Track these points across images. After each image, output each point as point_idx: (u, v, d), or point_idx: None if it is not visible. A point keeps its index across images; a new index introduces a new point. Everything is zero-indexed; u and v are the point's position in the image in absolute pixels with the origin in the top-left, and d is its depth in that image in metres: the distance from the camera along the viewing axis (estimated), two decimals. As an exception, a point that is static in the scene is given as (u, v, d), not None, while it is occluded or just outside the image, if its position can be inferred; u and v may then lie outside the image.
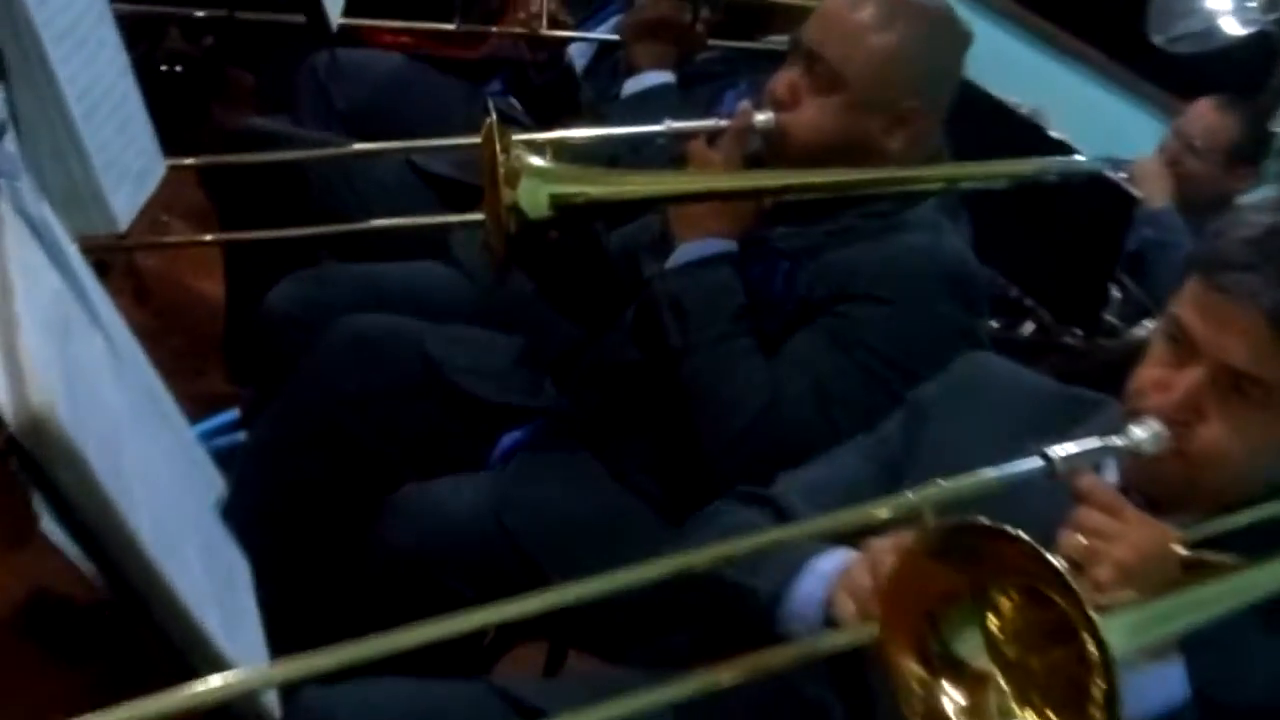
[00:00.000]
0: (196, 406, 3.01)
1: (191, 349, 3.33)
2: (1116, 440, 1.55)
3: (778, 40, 2.93)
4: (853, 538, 1.58)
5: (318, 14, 2.56)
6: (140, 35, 3.76)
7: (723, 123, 2.27)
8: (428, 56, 3.58)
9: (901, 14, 2.23)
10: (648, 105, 2.81)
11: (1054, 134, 3.29)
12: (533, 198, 2.11)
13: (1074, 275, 3.34)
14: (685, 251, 2.24)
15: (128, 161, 1.95)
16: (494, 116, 2.13)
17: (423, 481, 2.32)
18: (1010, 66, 5.56)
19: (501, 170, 2.09)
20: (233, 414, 2.84)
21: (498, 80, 3.51)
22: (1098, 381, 2.48)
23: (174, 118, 3.03)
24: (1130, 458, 1.57)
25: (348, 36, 3.32)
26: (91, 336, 1.45)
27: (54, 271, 1.39)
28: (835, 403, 2.12)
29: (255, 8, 2.97)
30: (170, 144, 2.98)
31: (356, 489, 2.42)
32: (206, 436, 1.89)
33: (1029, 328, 3.61)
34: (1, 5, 1.72)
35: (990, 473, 1.52)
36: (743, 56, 2.97)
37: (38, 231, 1.36)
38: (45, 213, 1.40)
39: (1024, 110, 3.46)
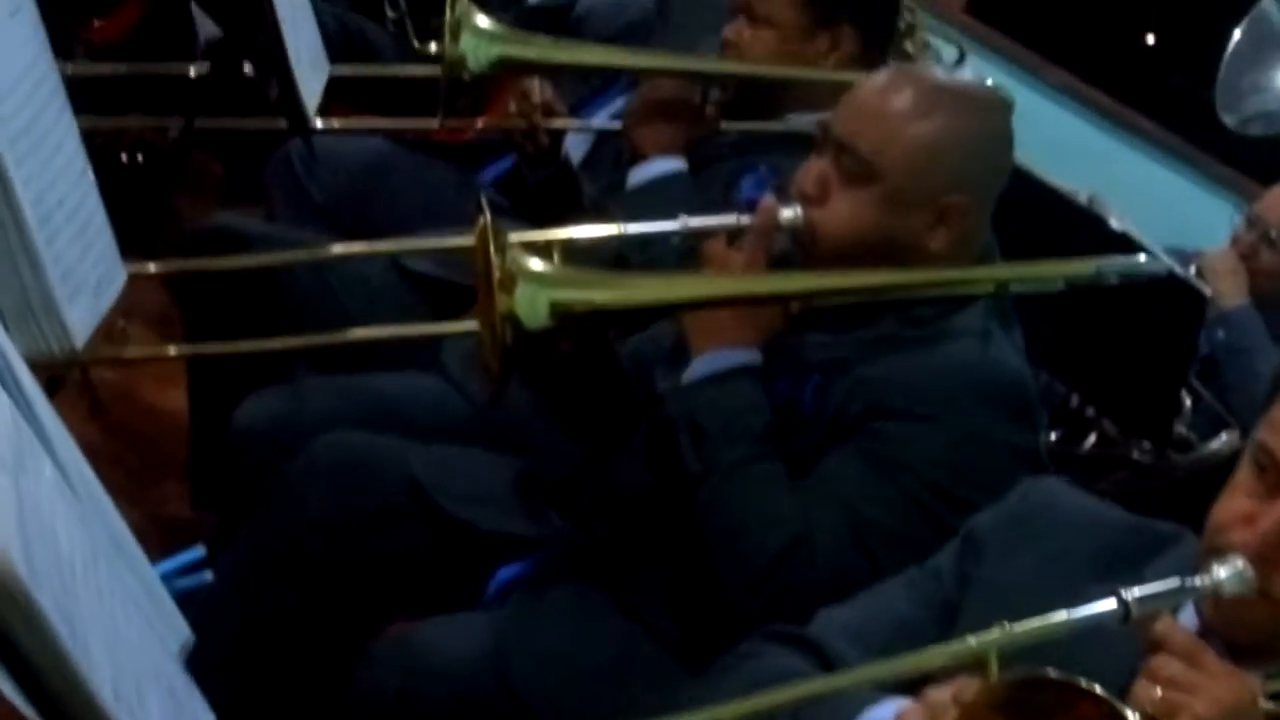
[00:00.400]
0: (158, 535, 3.03)
1: (151, 471, 3.36)
2: (1196, 581, 1.56)
3: (798, 119, 2.97)
4: (907, 687, 1.59)
5: (296, 111, 2.60)
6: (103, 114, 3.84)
7: (745, 219, 2.30)
8: (412, 140, 3.63)
9: (942, 100, 2.27)
10: (657, 196, 2.85)
11: (1116, 225, 3.32)
12: (531, 305, 2.12)
13: (1141, 383, 3.35)
14: (703, 364, 2.26)
15: (85, 271, 1.99)
16: (487, 214, 2.14)
17: (409, 622, 2.33)
18: (1069, 145, 5.66)
19: (496, 274, 2.10)
20: (197, 552, 2.85)
21: (490, 167, 3.56)
22: (1170, 501, 2.50)
23: (135, 212, 3.09)
24: (1211, 599, 1.58)
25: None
26: (45, 470, 1.47)
27: (5, 399, 1.42)
28: (873, 533, 2.14)
29: (223, 111, 3.02)
30: (131, 241, 3.04)
31: (334, 631, 2.43)
32: (169, 577, 1.90)
33: (1091, 441, 3.63)
34: (-48, 103, 1.76)
35: (1059, 616, 1.54)
36: (760, 138, 3.00)
37: (-11, 357, 1.39)
38: (1, 341, 1.43)
39: (1082, 199, 3.49)
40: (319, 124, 2.97)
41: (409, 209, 3.44)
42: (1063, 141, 5.65)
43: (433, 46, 3.93)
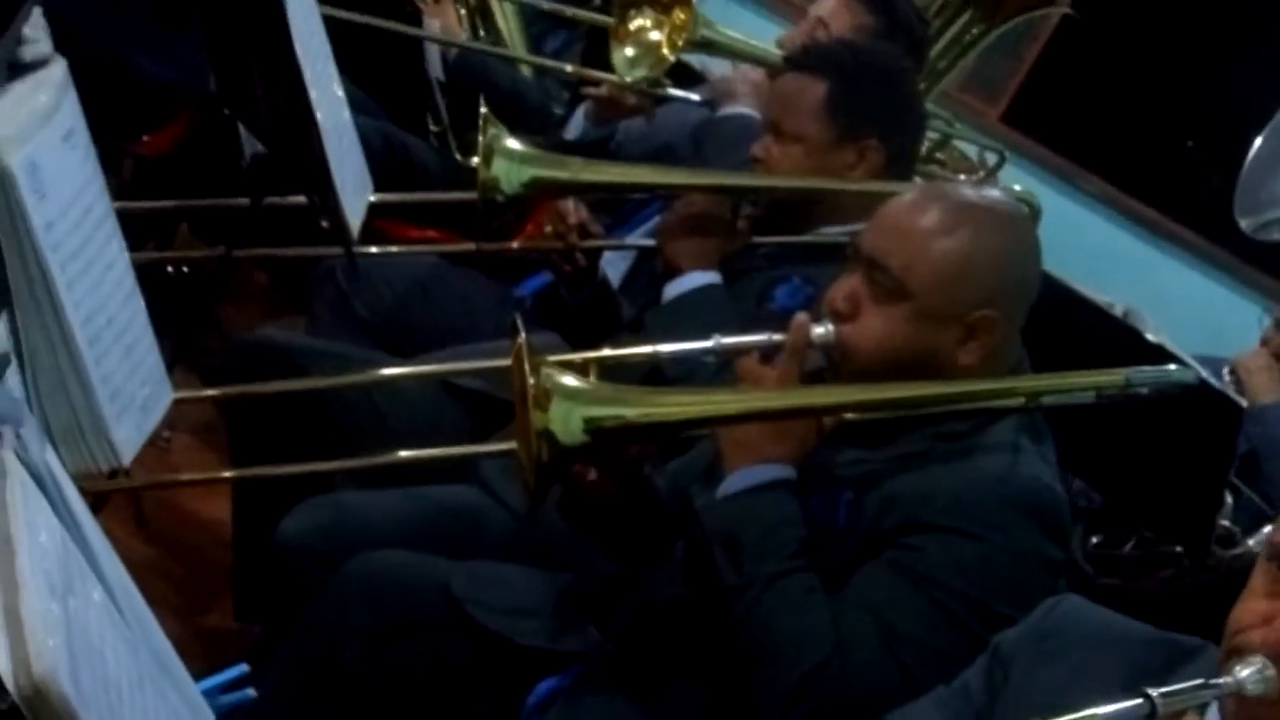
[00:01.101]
0: (202, 647, 3.08)
1: (195, 582, 3.40)
2: (1219, 680, 1.58)
3: (828, 231, 3.02)
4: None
5: (339, 233, 2.67)
6: (149, 234, 3.93)
7: (777, 337, 2.33)
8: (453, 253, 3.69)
9: (969, 216, 2.30)
10: (692, 309, 2.90)
11: (1151, 337, 3.34)
12: (565, 422, 2.16)
13: (1177, 493, 3.36)
14: (738, 479, 2.29)
15: (132, 391, 2.03)
16: (523, 335, 2.19)
17: (449, 735, 2.35)
18: (1106, 252, 5.71)
19: (531, 393, 2.15)
20: (240, 668, 2.89)
21: (530, 280, 3.62)
22: (1214, 596, 2.51)
23: (181, 321, 3.15)
24: (1234, 699, 1.60)
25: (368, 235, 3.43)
26: (92, 589, 1.52)
27: (56, 521, 1.47)
28: (906, 646, 2.16)
29: (266, 224, 3.09)
30: (177, 350, 3.11)
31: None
32: (212, 694, 1.94)
33: (1133, 543, 3.63)
34: (7, 227, 1.81)
35: (1087, 712, 1.56)
36: (792, 249, 3.05)
37: (41, 479, 1.43)
38: (49, 458, 1.47)
39: (1118, 311, 3.53)
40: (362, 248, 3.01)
41: (450, 321, 3.50)
42: (1100, 249, 5.71)
43: (474, 160, 4.07)
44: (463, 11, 4.48)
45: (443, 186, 4.14)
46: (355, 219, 2.73)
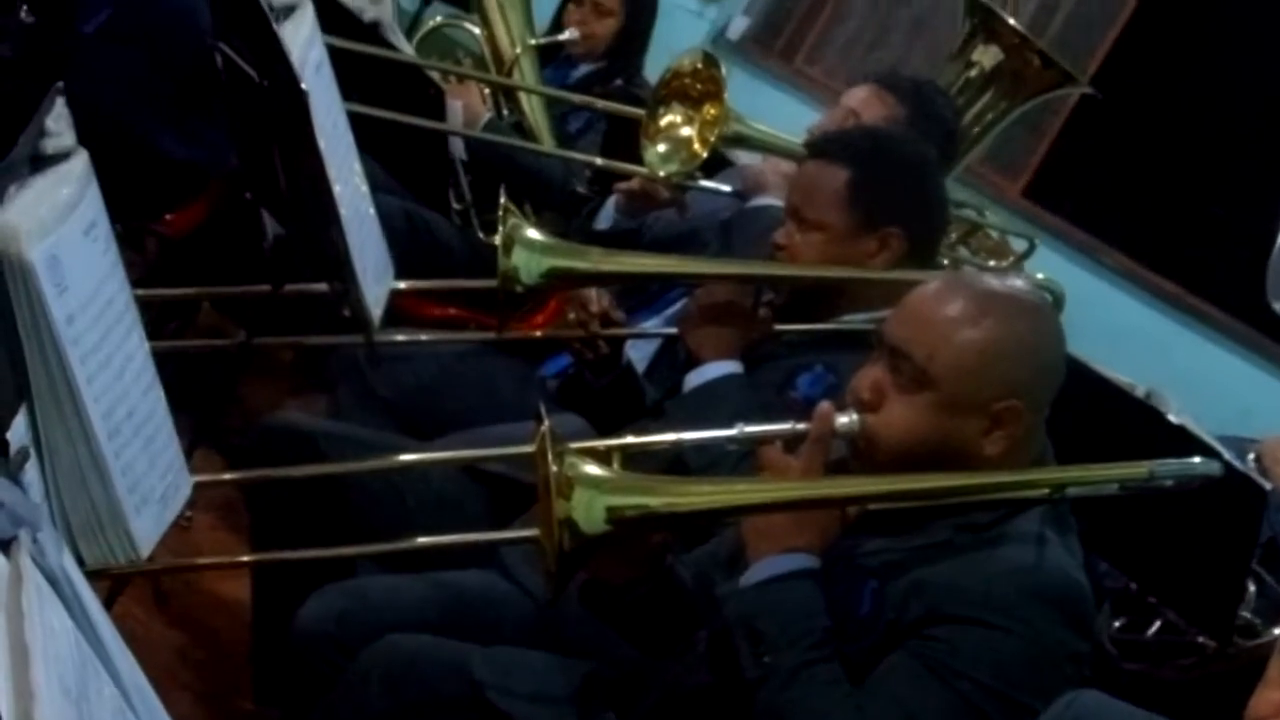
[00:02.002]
0: (222, 731, 3.06)
1: (215, 663, 3.38)
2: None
3: (851, 319, 3.01)
4: None
5: (360, 319, 2.67)
6: (172, 313, 3.93)
7: (801, 426, 2.32)
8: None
9: (993, 307, 2.29)
10: (713, 399, 2.89)
11: (1173, 419, 3.31)
12: (588, 511, 2.15)
13: (1201, 575, 3.33)
14: (761, 568, 2.27)
15: (152, 483, 2.02)
16: (547, 424, 2.18)
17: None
18: (1129, 329, 5.69)
19: (554, 482, 2.14)
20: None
21: (552, 361, 3.61)
22: (1236, 687, 2.47)
23: (202, 400, 3.15)
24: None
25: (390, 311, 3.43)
26: (106, 691, 1.50)
27: (71, 624, 1.45)
28: (930, 737, 2.14)
29: (287, 309, 3.09)
30: (198, 430, 3.10)
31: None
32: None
33: (1156, 627, 3.60)
34: (27, 321, 1.81)
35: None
36: (814, 337, 3.04)
37: (56, 583, 1.42)
38: (66, 563, 1.46)
39: (1140, 392, 3.50)
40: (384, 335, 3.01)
41: (472, 402, 3.49)
42: (1122, 325, 5.70)
43: (497, 238, 4.08)
44: (486, 90, 4.51)
45: (465, 263, 4.16)
46: (377, 307, 2.74)
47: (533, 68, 4.74)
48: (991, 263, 4.49)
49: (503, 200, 2.92)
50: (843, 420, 2.30)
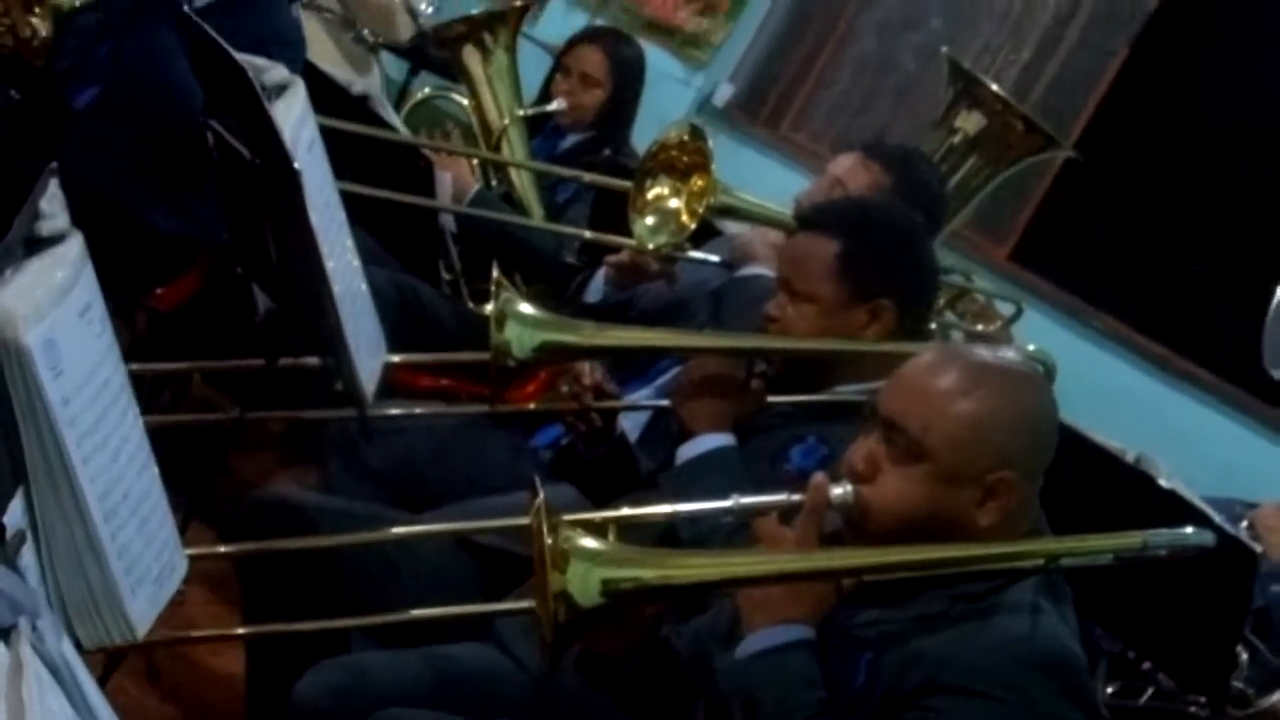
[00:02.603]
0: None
1: (209, 742, 3.37)
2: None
3: (844, 390, 3.01)
4: None
5: (352, 394, 2.67)
6: (163, 384, 3.93)
7: (796, 498, 2.32)
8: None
9: (985, 379, 2.30)
10: (705, 472, 2.88)
11: (1164, 483, 3.32)
12: (582, 584, 2.15)
13: (1195, 639, 3.33)
14: (757, 639, 2.27)
15: (147, 563, 2.02)
16: (541, 496, 2.18)
17: None
18: (1118, 392, 5.70)
19: (549, 555, 2.14)
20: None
21: (544, 431, 3.61)
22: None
23: (193, 471, 3.14)
24: None
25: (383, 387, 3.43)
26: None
27: (71, 711, 1.45)
28: (926, 809, 2.13)
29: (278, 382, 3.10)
30: (192, 505, 3.09)
31: None
32: None
33: (1149, 694, 3.60)
34: (24, 404, 1.81)
35: None
36: (807, 408, 3.04)
37: (56, 671, 1.42)
38: (65, 649, 1.46)
39: (1130, 458, 3.51)
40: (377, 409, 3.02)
41: (465, 474, 3.50)
42: (1111, 387, 5.70)
43: (488, 308, 4.08)
44: (475, 161, 4.53)
45: (455, 334, 4.17)
46: (370, 381, 2.74)
47: (521, 138, 4.78)
48: (979, 326, 4.51)
49: (495, 275, 2.93)
50: (837, 491, 2.31)
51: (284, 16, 4.12)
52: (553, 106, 4.82)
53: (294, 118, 2.68)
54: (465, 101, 4.95)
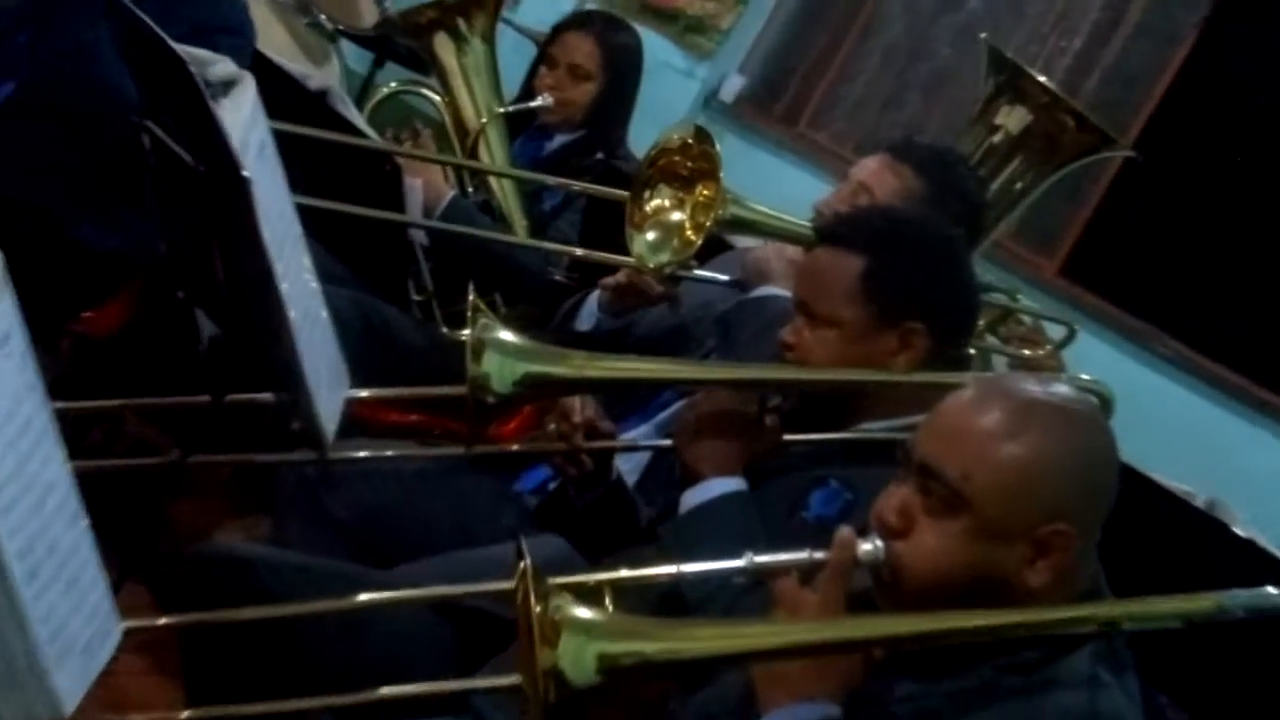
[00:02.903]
0: None
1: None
2: None
3: (870, 428, 3.00)
4: None
5: (313, 438, 2.66)
6: (93, 423, 3.92)
7: (819, 555, 2.31)
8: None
9: (1036, 417, 2.29)
10: (713, 522, 2.87)
11: (1240, 532, 3.33)
12: (576, 660, 2.14)
13: (1270, 709, 3.34)
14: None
15: (75, 630, 2.02)
16: (528, 559, 2.17)
17: None
18: (1182, 424, 5.69)
19: (538, 627, 2.13)
20: None
21: (529, 474, 3.61)
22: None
23: (129, 522, 3.13)
24: None
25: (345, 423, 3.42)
26: None
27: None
28: None
29: (228, 434, 3.09)
30: (125, 565, 3.07)
31: None
32: None
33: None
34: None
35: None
36: (828, 448, 3.03)
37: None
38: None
39: (1200, 502, 3.51)
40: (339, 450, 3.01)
41: (440, 523, 3.49)
42: (1178, 421, 5.70)
43: (464, 333, 4.07)
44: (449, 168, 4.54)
45: (426, 362, 4.16)
46: (330, 420, 2.73)
47: (501, 139, 4.77)
48: (1025, 352, 4.49)
49: (471, 297, 2.92)
50: (866, 548, 2.30)
51: (230, 1, 4.12)
52: (537, 103, 4.82)
53: (243, 118, 2.68)
54: (437, 97, 4.94)
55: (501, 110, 4.80)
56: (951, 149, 4.26)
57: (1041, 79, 4.71)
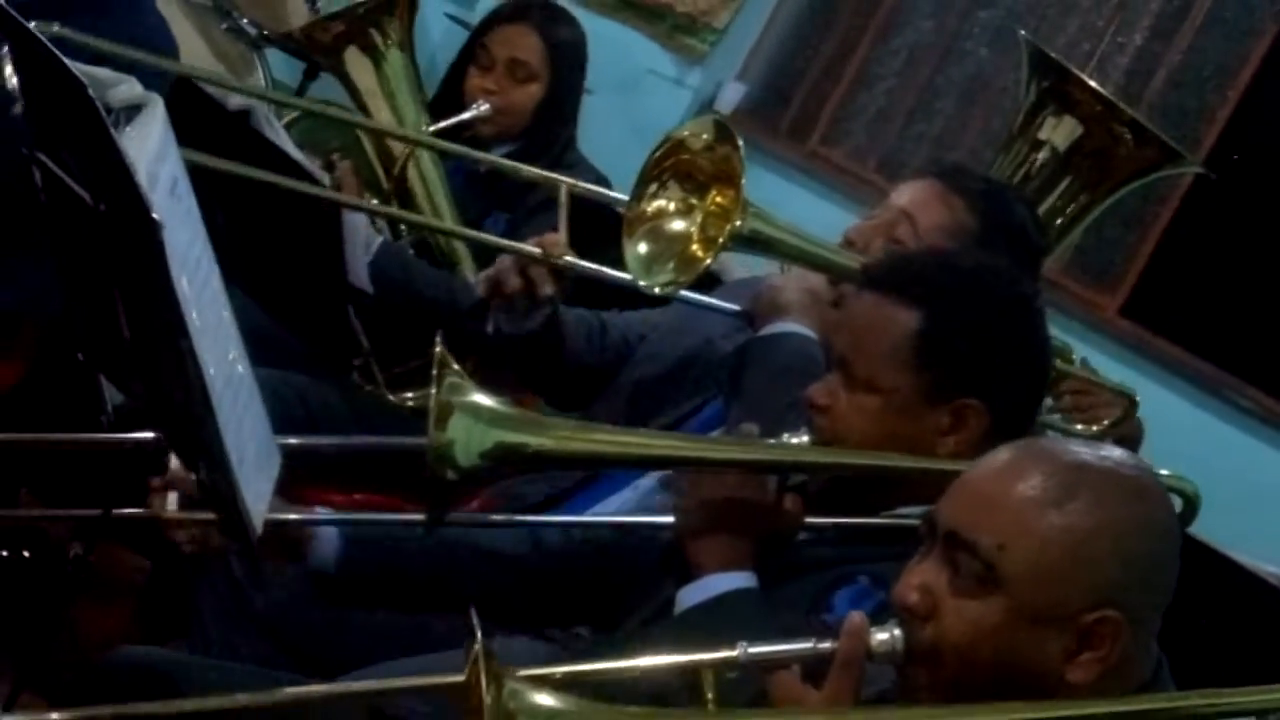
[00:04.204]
0: None
1: None
2: None
3: (908, 514, 2.93)
4: None
5: (238, 529, 2.69)
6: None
7: (825, 645, 2.35)
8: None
9: (1084, 485, 2.33)
10: (718, 622, 2.83)
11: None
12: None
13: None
14: None
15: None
16: (479, 641, 2.19)
17: None
18: (1263, 485, 5.71)
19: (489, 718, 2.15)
20: None
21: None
22: None
23: (26, 629, 3.17)
24: None
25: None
26: None
27: None
28: None
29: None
30: (20, 675, 3.12)
31: None
32: None
33: None
34: None
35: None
36: (859, 536, 3.00)
37: None
38: None
39: (1274, 577, 3.55)
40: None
41: (386, 624, 3.50)
42: (1258, 482, 5.71)
43: (408, 398, 4.09)
44: (376, 202, 4.54)
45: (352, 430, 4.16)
46: (259, 503, 2.75)
47: (434, 162, 4.73)
48: (1078, 426, 4.36)
49: (438, 348, 2.90)
50: (881, 638, 2.34)
51: (145, 14, 4.15)
52: (473, 113, 4.78)
53: (150, 149, 2.68)
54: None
55: (432, 129, 4.75)
56: (1012, 185, 4.23)
57: (1092, 83, 4.67)
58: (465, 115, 4.80)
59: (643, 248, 3.59)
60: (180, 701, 2.93)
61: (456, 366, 2.91)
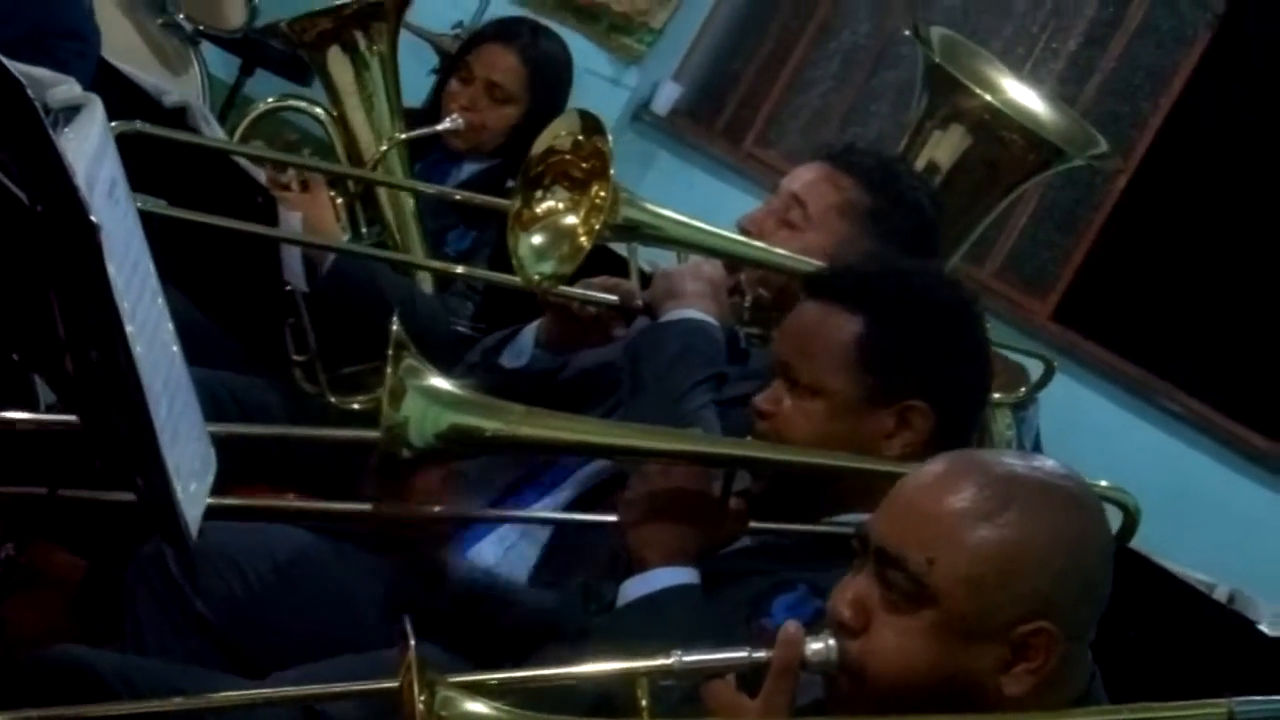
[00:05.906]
0: None
1: None
2: None
3: (848, 520, 2.95)
4: None
5: (175, 531, 2.68)
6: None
7: (760, 655, 2.35)
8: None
9: (1015, 497, 2.33)
10: (657, 619, 2.86)
11: (1268, 631, 3.37)
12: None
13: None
14: None
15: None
16: (412, 647, 2.19)
17: None
18: (1192, 489, 5.75)
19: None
20: None
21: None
22: None
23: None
24: None
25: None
26: None
27: None
28: None
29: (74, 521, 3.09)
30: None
31: None
32: None
33: None
34: None
35: None
36: (800, 546, 3.02)
37: None
38: None
39: (1221, 594, 3.56)
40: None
41: (323, 620, 3.48)
42: (1186, 485, 5.74)
43: (355, 403, 4.07)
44: (340, 200, 4.53)
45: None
46: (195, 508, 2.74)
47: (402, 167, 4.76)
48: (996, 395, 4.39)
49: (395, 330, 2.89)
50: (815, 648, 2.35)
51: (71, 2, 4.13)
52: (444, 125, 4.83)
53: (90, 150, 2.67)
54: (320, 111, 4.91)
55: (404, 137, 4.80)
56: (901, 157, 4.27)
57: (975, 89, 4.67)
58: (438, 127, 4.84)
59: (536, 239, 3.64)
60: (114, 704, 2.93)
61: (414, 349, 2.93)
